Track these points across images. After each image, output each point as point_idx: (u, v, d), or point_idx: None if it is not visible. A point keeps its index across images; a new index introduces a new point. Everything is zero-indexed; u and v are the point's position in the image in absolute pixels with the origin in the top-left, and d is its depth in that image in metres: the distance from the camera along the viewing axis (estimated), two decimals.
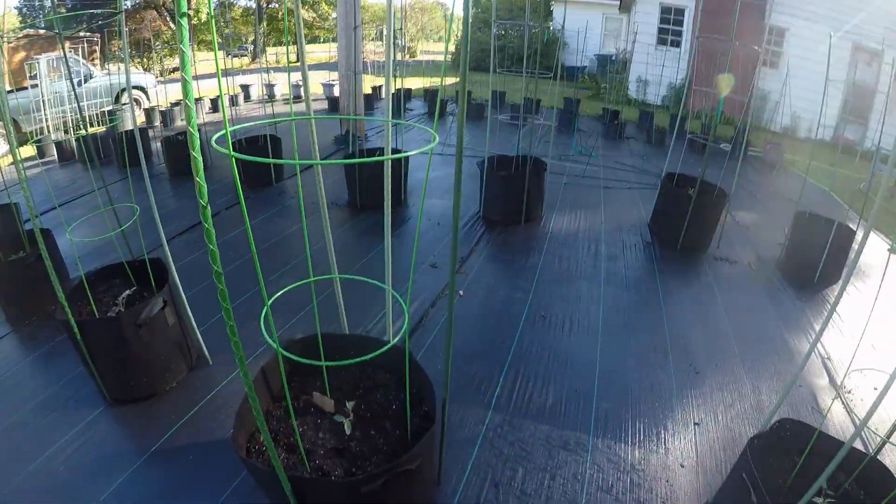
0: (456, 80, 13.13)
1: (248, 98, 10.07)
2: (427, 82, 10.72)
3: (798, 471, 1.38)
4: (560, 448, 1.96)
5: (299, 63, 1.39)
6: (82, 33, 7.62)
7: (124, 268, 2.11)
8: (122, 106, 7.62)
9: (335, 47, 7.72)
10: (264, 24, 18.99)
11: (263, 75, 9.95)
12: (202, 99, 8.18)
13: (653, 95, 11.02)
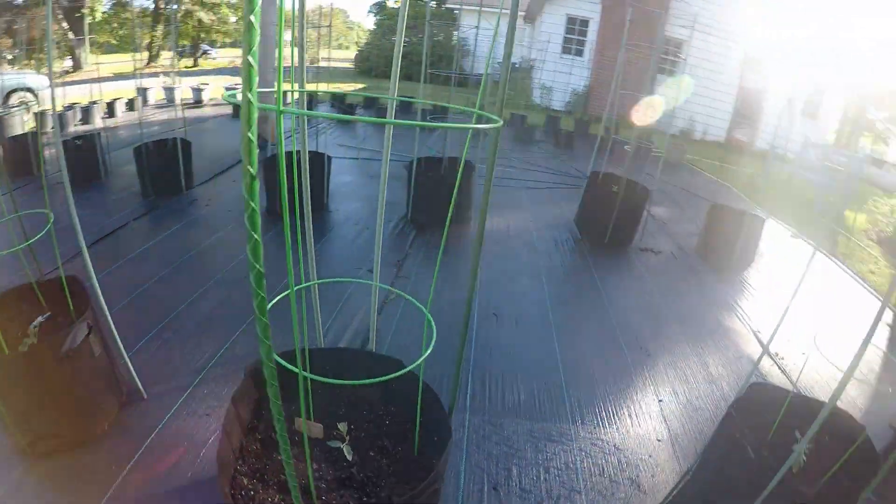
0: (359, 85, 12.94)
1: (145, 102, 9.11)
2: (333, 87, 10.43)
3: (777, 427, 1.53)
4: (546, 440, 1.97)
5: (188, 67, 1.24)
6: None
7: (33, 290, 1.73)
8: (12, 109, 6.43)
9: (236, 52, 7.22)
10: (161, 25, 17.38)
11: (165, 79, 9.41)
12: (97, 102, 7.19)
13: (556, 102, 11.77)
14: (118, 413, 1.89)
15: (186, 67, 18.02)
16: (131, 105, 8.18)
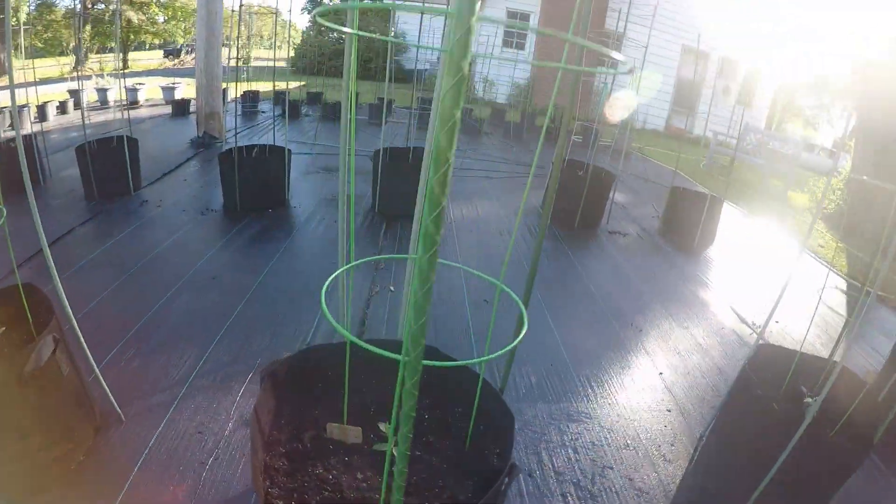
0: (299, 83, 12.43)
1: (77, 105, 8.25)
2: (270, 86, 9.98)
3: (788, 383, 1.61)
4: (567, 421, 1.95)
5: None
6: None
7: None
8: None
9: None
10: (88, 27, 15.83)
11: (98, 80, 9.08)
12: (26, 106, 6.34)
13: (499, 95, 11.94)
14: (93, 440, 1.62)
15: (116, 70, 16.81)
16: (63, 108, 7.71)
